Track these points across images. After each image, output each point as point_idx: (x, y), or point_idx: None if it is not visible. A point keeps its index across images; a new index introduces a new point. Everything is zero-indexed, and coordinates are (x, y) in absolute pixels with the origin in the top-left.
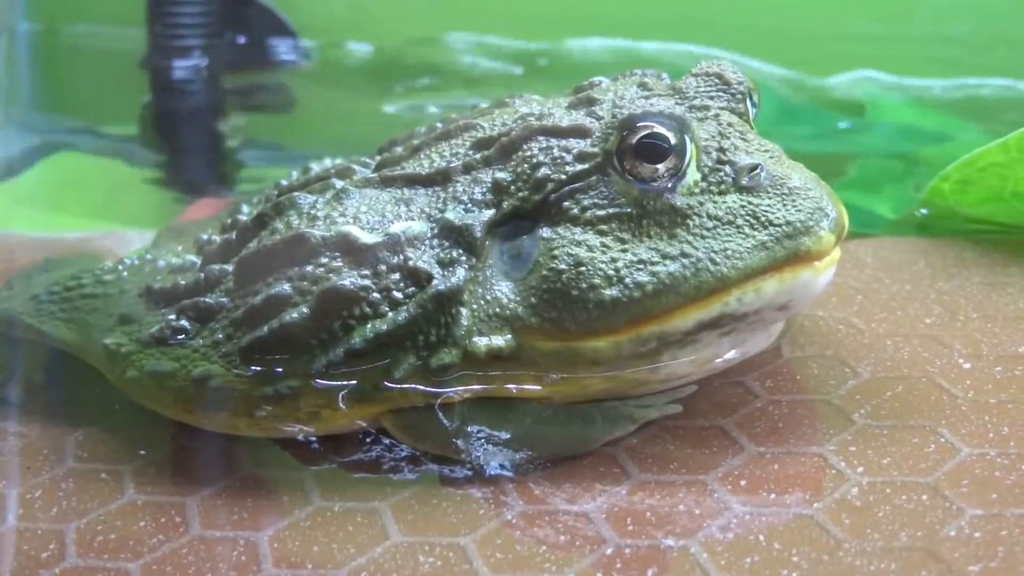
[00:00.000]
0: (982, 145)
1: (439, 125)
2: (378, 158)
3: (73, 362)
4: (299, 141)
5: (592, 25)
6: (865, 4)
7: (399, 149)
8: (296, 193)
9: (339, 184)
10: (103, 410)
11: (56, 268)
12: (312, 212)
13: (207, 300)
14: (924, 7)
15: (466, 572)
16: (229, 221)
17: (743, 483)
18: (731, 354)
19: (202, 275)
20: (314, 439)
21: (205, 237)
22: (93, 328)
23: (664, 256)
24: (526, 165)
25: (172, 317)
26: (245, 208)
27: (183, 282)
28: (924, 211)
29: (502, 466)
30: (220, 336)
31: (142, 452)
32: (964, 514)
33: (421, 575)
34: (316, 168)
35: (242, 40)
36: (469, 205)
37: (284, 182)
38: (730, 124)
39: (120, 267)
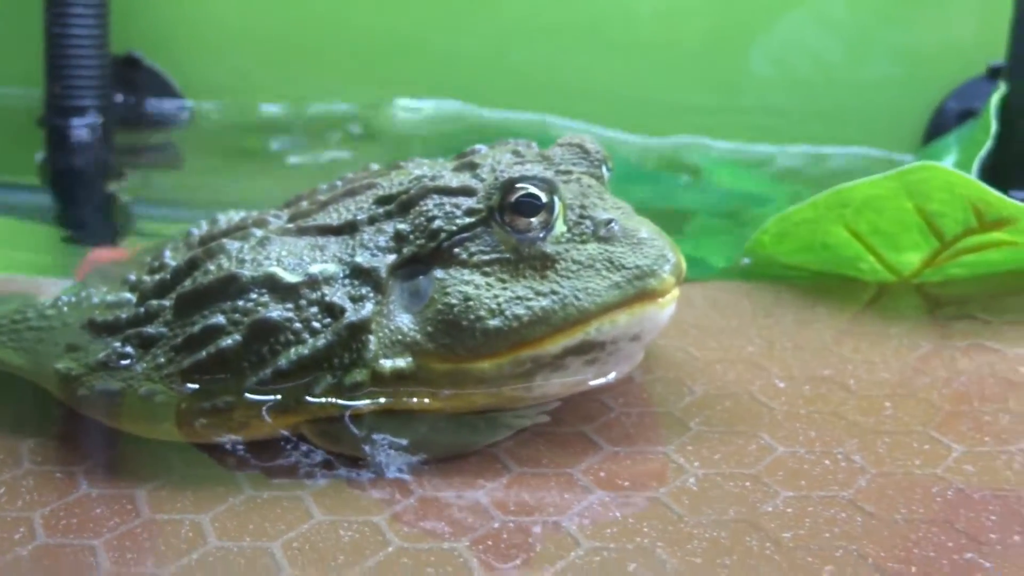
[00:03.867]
0: (795, 204)
1: (339, 183)
2: (287, 211)
3: (21, 384)
4: (185, 196)
5: (437, 89)
6: (699, 78)
7: (305, 204)
8: (224, 240)
9: (259, 233)
10: (52, 423)
11: None
12: (240, 256)
13: (148, 330)
14: (750, 81)
15: (380, 542)
16: (157, 264)
17: (602, 475)
18: (598, 379)
19: (142, 309)
20: (241, 445)
21: (134, 278)
22: (41, 355)
23: (537, 293)
24: (423, 218)
25: (117, 345)
26: (168, 253)
27: (124, 315)
28: (747, 260)
29: (402, 466)
30: (161, 360)
31: (91, 457)
32: (779, 495)
33: (343, 545)
34: (222, 219)
35: (132, 101)
36: (375, 251)
37: (196, 231)
38: (589, 186)
39: (59, 303)
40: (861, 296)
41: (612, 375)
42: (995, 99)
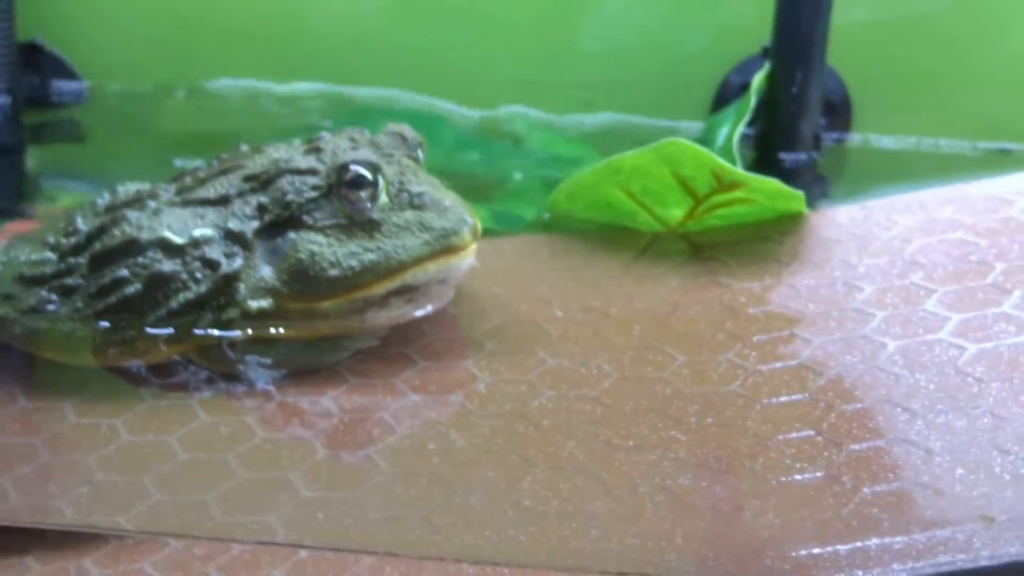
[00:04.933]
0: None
1: (215, 163)
2: (174, 185)
3: None
4: (87, 168)
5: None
6: (528, 54)
7: (188, 179)
8: (125, 210)
9: (152, 204)
10: None
11: None
12: (138, 223)
13: (68, 281)
14: (570, 58)
15: (250, 434)
16: (71, 228)
17: (416, 383)
18: (416, 312)
19: (62, 265)
20: (143, 367)
21: (52, 240)
22: None
23: (366, 249)
24: (279, 193)
25: (44, 293)
26: (79, 220)
27: (47, 271)
28: (547, 216)
29: (266, 380)
30: (80, 304)
31: (25, 380)
32: (544, 394)
33: (223, 436)
34: (121, 190)
35: (36, 83)
36: (243, 219)
37: (100, 201)
38: (407, 166)
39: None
40: (637, 244)
41: (428, 308)
42: (758, 77)
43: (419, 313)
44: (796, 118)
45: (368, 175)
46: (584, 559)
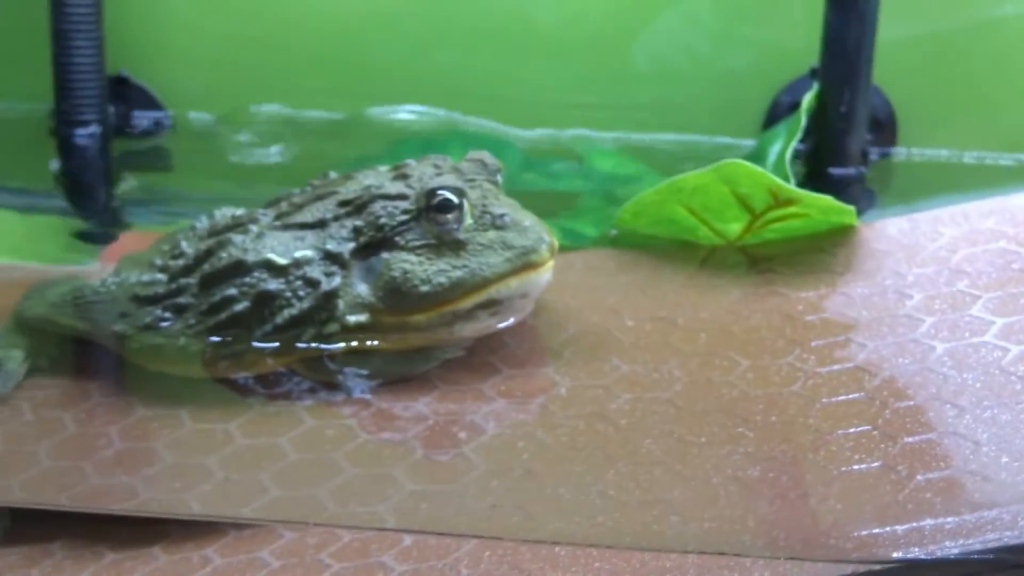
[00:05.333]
0: (649, 188)
1: (308, 189)
2: (271, 210)
3: (85, 344)
4: (175, 194)
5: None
6: (580, 77)
7: (284, 205)
8: (230, 234)
9: (255, 228)
10: (111, 371)
11: (50, 288)
12: (244, 246)
13: (180, 301)
14: (625, 80)
15: (353, 436)
16: (177, 251)
17: (502, 388)
18: (500, 324)
19: (174, 285)
20: (251, 379)
21: (159, 263)
22: (100, 321)
23: (454, 267)
24: (372, 217)
25: (158, 312)
26: (183, 243)
27: (160, 291)
28: (614, 232)
29: (363, 388)
30: (192, 322)
31: (142, 391)
32: (621, 397)
33: (327, 438)
34: (218, 215)
35: (122, 112)
36: (340, 240)
37: (199, 224)
38: (489, 190)
39: (107, 283)
40: (698, 257)
41: (510, 320)
42: (808, 97)
43: (502, 325)
44: (844, 135)
45: (454, 199)
46: (666, 541)
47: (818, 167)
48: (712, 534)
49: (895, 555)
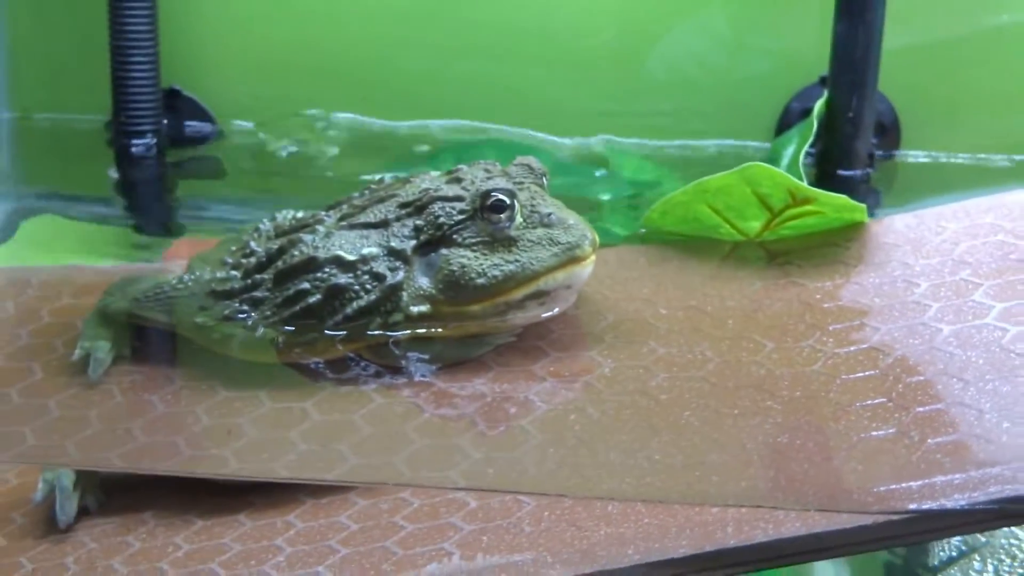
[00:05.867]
0: (674, 191)
1: (366, 193)
2: (333, 212)
3: (167, 335)
4: (228, 199)
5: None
6: (601, 87)
7: (346, 207)
8: (300, 233)
9: (322, 228)
10: (193, 359)
11: (130, 285)
12: (314, 244)
13: (256, 295)
14: (644, 88)
15: (418, 412)
16: (248, 251)
17: (551, 369)
18: (546, 313)
19: (249, 281)
20: (322, 364)
21: (231, 261)
22: (181, 314)
23: (507, 261)
24: (432, 217)
25: (236, 305)
26: (252, 243)
27: (236, 286)
28: (643, 230)
29: (425, 372)
30: (268, 314)
31: (221, 375)
32: (659, 376)
33: (395, 414)
34: (279, 217)
35: (175, 124)
36: (402, 239)
37: (263, 226)
38: (536, 191)
39: (183, 280)
40: (721, 252)
41: (556, 310)
42: (819, 104)
43: (549, 314)
44: (852, 139)
45: (506, 200)
46: (708, 497)
47: (828, 169)
48: (748, 491)
49: (910, 507)
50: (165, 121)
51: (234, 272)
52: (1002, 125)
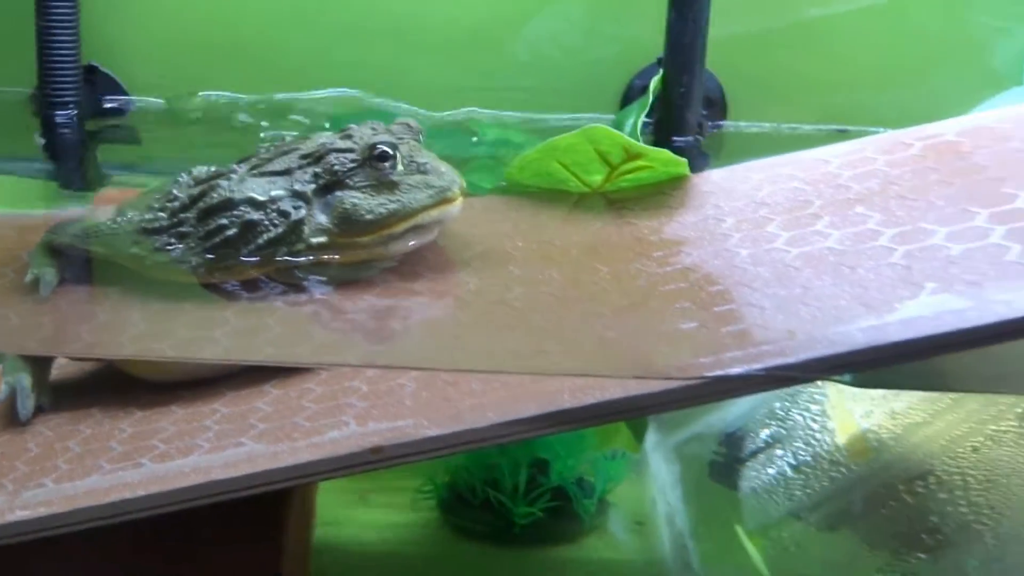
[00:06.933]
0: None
1: (272, 148)
2: (243, 164)
3: (108, 264)
4: (144, 160)
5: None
6: (468, 65)
7: (255, 160)
8: (218, 179)
9: (236, 176)
10: (128, 282)
11: (69, 225)
12: (231, 188)
13: (182, 230)
14: (508, 68)
15: (321, 316)
16: (171, 196)
17: (427, 287)
18: (422, 243)
19: (176, 219)
20: (237, 284)
21: (157, 205)
22: (118, 247)
23: (390, 201)
24: (328, 165)
25: (165, 239)
26: (175, 190)
27: (164, 224)
28: (504, 183)
29: (323, 289)
30: (192, 245)
31: (153, 292)
32: (515, 290)
33: (301, 318)
34: (195, 171)
35: (93, 97)
36: (304, 183)
37: (182, 178)
38: (414, 145)
39: (117, 220)
40: (569, 200)
41: (430, 239)
42: (654, 80)
43: (424, 243)
44: (683, 110)
45: (390, 151)
46: (549, 370)
47: (663, 137)
48: (581, 367)
49: (704, 374)
50: (84, 95)
51: (161, 213)
52: (812, 99)
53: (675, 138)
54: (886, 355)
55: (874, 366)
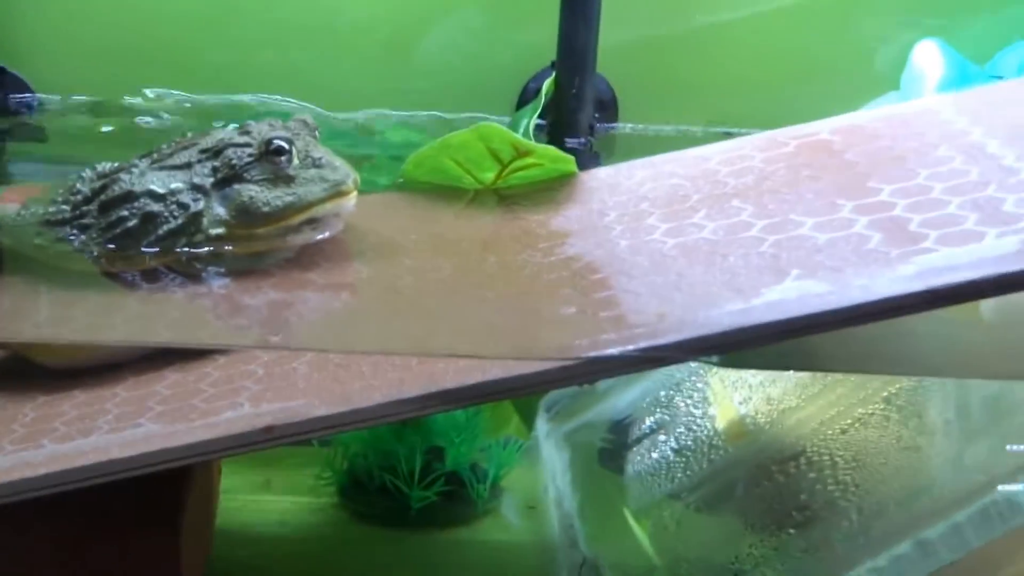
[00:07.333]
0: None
1: (173, 144)
2: (144, 159)
3: (9, 254)
4: (52, 156)
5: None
6: (372, 69)
7: (155, 155)
8: (119, 174)
9: (136, 170)
10: (27, 270)
11: None
12: (131, 182)
13: (84, 221)
14: (411, 72)
15: (217, 303)
16: (74, 190)
17: (323, 277)
18: (318, 236)
19: (78, 211)
20: (137, 274)
21: (60, 199)
22: (22, 238)
23: (286, 194)
24: (226, 159)
25: (67, 230)
26: (78, 184)
27: (67, 215)
28: (401, 180)
29: (220, 279)
30: (94, 235)
31: (53, 281)
32: (406, 278)
33: (197, 307)
34: (99, 167)
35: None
36: (203, 176)
37: (86, 173)
38: (310, 141)
39: (21, 213)
40: (463, 197)
41: (326, 234)
42: (547, 83)
43: (320, 237)
44: (575, 112)
45: (286, 146)
46: (435, 351)
47: (556, 137)
48: (466, 348)
49: (581, 355)
50: None
51: (64, 206)
52: (701, 103)
53: (567, 139)
54: (751, 336)
55: (740, 347)
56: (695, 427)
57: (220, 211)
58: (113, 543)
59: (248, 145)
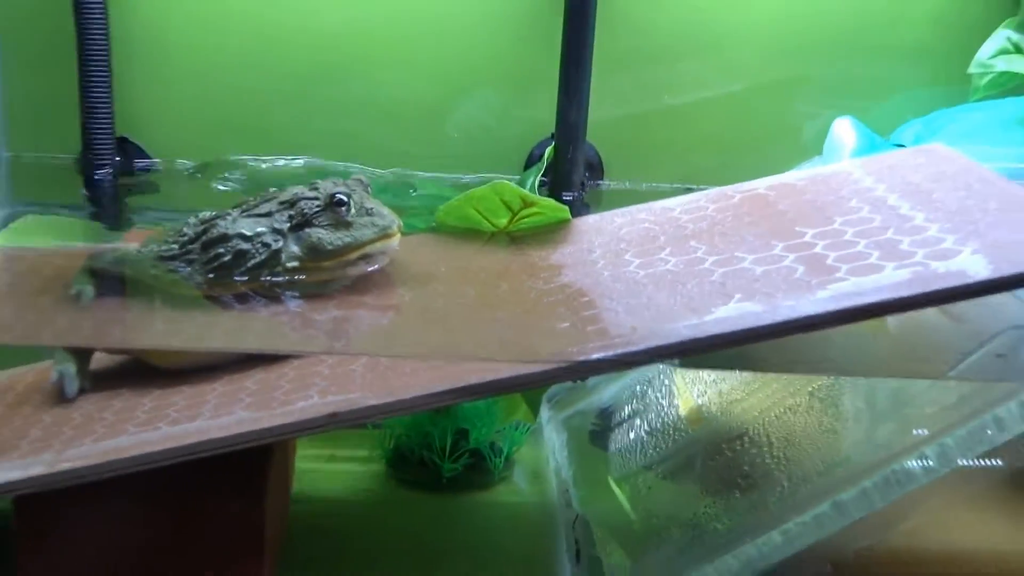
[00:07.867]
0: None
1: (259, 197)
2: (236, 209)
3: (131, 282)
4: (164, 206)
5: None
6: (408, 136)
7: (245, 206)
8: (217, 219)
9: (230, 218)
10: (145, 294)
11: (105, 254)
12: (226, 226)
13: (190, 256)
14: (440, 138)
15: (295, 318)
16: (182, 232)
17: (375, 300)
18: (370, 269)
19: (184, 250)
20: (230, 297)
21: (171, 239)
22: (140, 270)
23: (346, 236)
24: (299, 209)
25: (176, 264)
26: (185, 228)
27: (176, 252)
28: (435, 224)
29: (295, 302)
30: (197, 268)
31: (167, 304)
32: (439, 301)
33: (279, 321)
34: (201, 214)
35: (124, 161)
36: (281, 222)
37: (191, 219)
38: (363, 195)
39: (142, 250)
40: (483, 237)
41: (377, 266)
42: (548, 150)
43: (371, 269)
44: (569, 173)
45: (345, 198)
46: (461, 357)
47: (555, 192)
48: (485, 353)
49: (572, 360)
50: (118, 159)
51: (173, 245)
52: (668, 164)
53: (563, 193)
54: (703, 344)
55: (695, 352)
56: (663, 414)
57: (295, 249)
58: (209, 507)
59: (316, 198)
